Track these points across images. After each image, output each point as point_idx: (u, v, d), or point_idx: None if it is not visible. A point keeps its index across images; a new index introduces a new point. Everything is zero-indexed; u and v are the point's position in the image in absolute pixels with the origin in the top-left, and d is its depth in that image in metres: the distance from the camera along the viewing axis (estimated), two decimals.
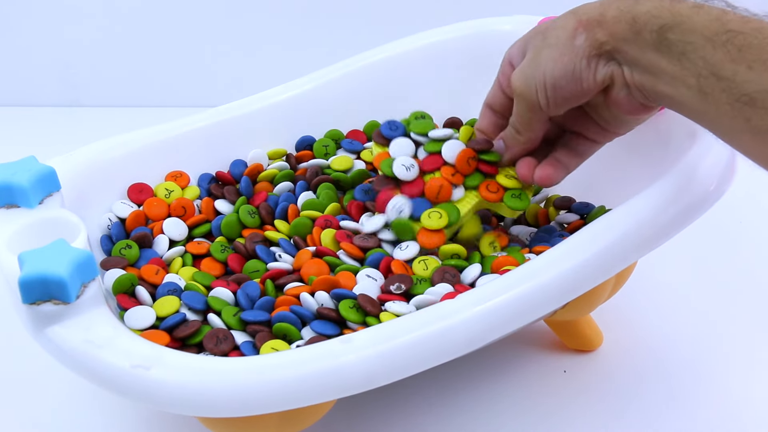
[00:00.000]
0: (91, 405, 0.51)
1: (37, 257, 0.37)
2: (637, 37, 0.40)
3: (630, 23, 0.40)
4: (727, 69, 0.36)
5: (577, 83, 0.43)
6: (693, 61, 0.38)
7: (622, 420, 0.51)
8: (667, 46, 0.39)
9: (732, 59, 0.36)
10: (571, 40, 0.42)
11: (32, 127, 0.87)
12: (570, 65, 0.42)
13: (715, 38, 0.37)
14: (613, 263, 0.43)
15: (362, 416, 0.50)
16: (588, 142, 0.47)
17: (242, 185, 0.53)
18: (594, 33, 0.41)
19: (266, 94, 0.58)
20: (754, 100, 0.36)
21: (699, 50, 0.37)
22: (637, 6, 0.40)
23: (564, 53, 0.42)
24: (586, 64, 0.42)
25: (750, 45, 0.36)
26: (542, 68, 0.43)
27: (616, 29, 0.41)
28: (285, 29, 0.88)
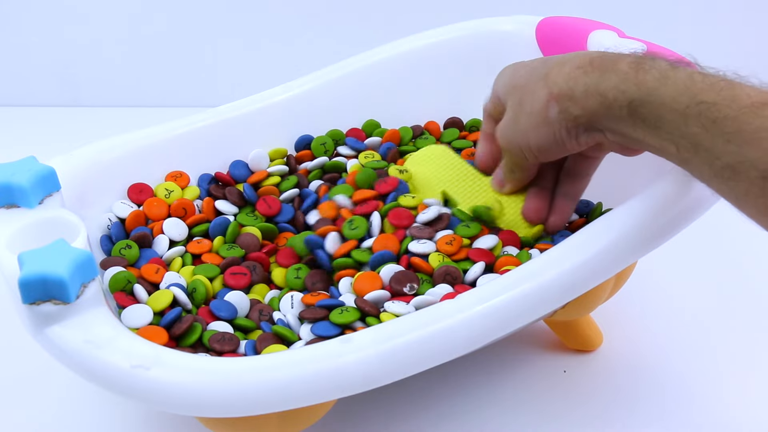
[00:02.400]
0: (91, 405, 0.51)
1: (37, 257, 0.37)
2: (609, 112, 0.40)
3: (599, 100, 0.40)
4: (703, 142, 0.36)
5: (561, 147, 0.43)
6: (669, 133, 0.37)
7: (622, 420, 0.51)
8: (642, 119, 0.38)
9: (707, 132, 0.35)
10: (545, 112, 0.42)
11: (32, 127, 0.87)
12: (550, 135, 0.43)
13: (686, 111, 0.36)
14: (613, 263, 0.43)
15: (362, 416, 0.50)
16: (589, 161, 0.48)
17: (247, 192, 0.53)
18: (566, 107, 0.41)
19: (266, 94, 0.58)
20: (736, 172, 0.35)
21: (672, 124, 0.37)
22: (602, 82, 0.39)
23: (540, 124, 0.43)
24: (566, 134, 0.42)
25: (725, 117, 0.35)
26: (523, 134, 0.44)
27: (587, 104, 0.40)
28: (285, 29, 0.88)
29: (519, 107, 0.44)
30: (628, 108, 0.38)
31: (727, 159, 0.35)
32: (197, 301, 0.46)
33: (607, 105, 0.39)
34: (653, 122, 0.38)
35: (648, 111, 0.38)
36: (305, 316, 0.44)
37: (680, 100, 0.36)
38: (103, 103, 0.91)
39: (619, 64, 0.39)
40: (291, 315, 0.45)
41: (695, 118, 0.36)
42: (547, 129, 0.43)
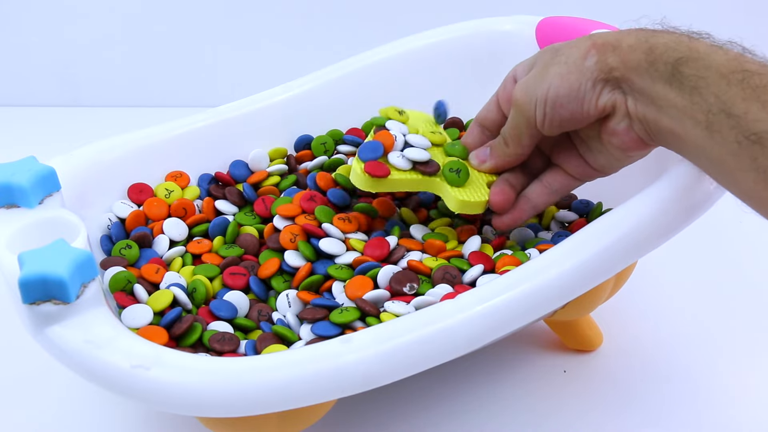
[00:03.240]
0: (91, 405, 0.51)
1: (37, 257, 0.37)
2: (649, 68, 0.40)
3: (646, 52, 0.40)
4: (739, 107, 0.36)
5: (579, 104, 0.42)
6: (704, 97, 0.38)
7: (622, 420, 0.51)
8: (680, 80, 0.39)
9: (745, 97, 0.36)
10: (582, 60, 0.42)
11: (32, 127, 0.87)
12: (575, 84, 0.42)
13: (730, 76, 0.37)
14: (613, 263, 0.43)
15: (362, 416, 0.50)
16: (566, 179, 0.47)
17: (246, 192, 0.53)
18: (606, 57, 0.41)
19: (266, 94, 0.58)
20: (762, 140, 0.35)
21: (712, 86, 0.37)
22: (655, 36, 0.40)
23: (572, 71, 0.42)
24: (591, 86, 0.42)
25: (766, 86, 0.36)
26: (547, 83, 0.43)
27: (629, 57, 0.41)
28: (285, 29, 0.88)
29: (552, 59, 0.43)
30: (673, 65, 0.39)
31: (758, 126, 0.36)
32: (197, 301, 0.46)
33: (652, 60, 0.40)
34: (693, 82, 0.38)
35: (691, 71, 0.38)
36: (305, 316, 0.44)
37: (727, 65, 0.37)
38: (103, 103, 0.91)
39: (672, 32, 0.41)
40: (290, 314, 0.45)
41: (737, 84, 0.37)
42: (575, 77, 0.42)
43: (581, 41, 0.43)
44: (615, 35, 0.42)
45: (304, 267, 0.47)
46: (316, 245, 0.48)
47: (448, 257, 0.48)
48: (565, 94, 0.42)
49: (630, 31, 0.42)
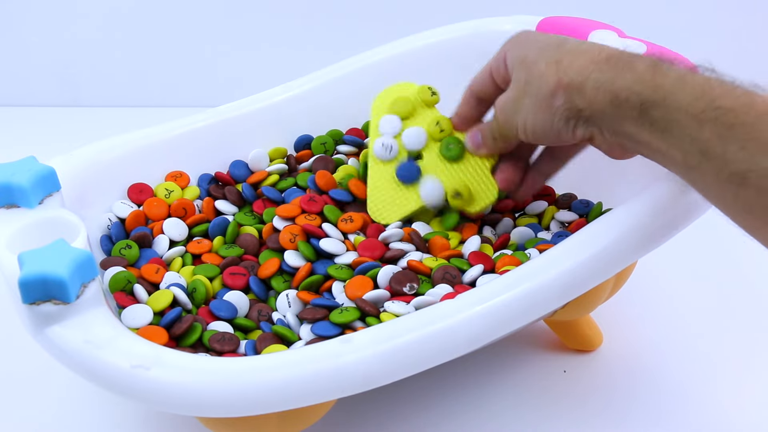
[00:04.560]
0: (91, 405, 0.51)
1: (37, 257, 0.37)
2: (617, 111, 0.39)
3: (610, 97, 0.39)
4: (715, 148, 0.35)
5: (556, 136, 0.43)
6: (678, 138, 0.37)
7: (622, 420, 0.51)
8: (650, 122, 0.38)
9: (721, 137, 0.35)
10: (551, 98, 0.41)
11: (32, 127, 0.87)
12: (548, 122, 0.42)
13: (701, 115, 0.35)
14: (613, 263, 0.43)
15: (362, 416, 0.50)
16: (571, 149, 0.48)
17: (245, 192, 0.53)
18: (573, 98, 0.40)
19: (266, 94, 0.58)
20: (745, 180, 0.34)
21: (684, 128, 0.36)
22: (617, 80, 0.39)
23: (542, 108, 0.42)
24: (564, 124, 0.42)
25: (742, 123, 0.34)
26: (522, 116, 0.43)
27: (595, 100, 0.40)
28: (285, 29, 0.88)
29: (525, 86, 0.43)
30: (639, 109, 0.38)
31: (738, 166, 0.34)
32: (197, 301, 0.46)
33: (617, 104, 0.39)
34: (664, 125, 0.37)
35: (660, 114, 0.37)
36: (305, 316, 0.44)
37: (696, 104, 0.36)
38: (103, 103, 0.91)
39: (636, 64, 0.39)
40: (290, 314, 0.45)
41: (710, 123, 0.35)
42: (547, 115, 0.42)
43: (547, 73, 0.41)
44: (579, 71, 0.40)
45: (304, 267, 0.47)
46: (316, 245, 0.48)
47: (448, 257, 0.48)
48: (540, 129, 0.43)
49: (590, 69, 0.40)
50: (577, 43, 0.42)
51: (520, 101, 0.43)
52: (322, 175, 0.53)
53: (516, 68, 0.44)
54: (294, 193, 0.52)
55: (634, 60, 0.39)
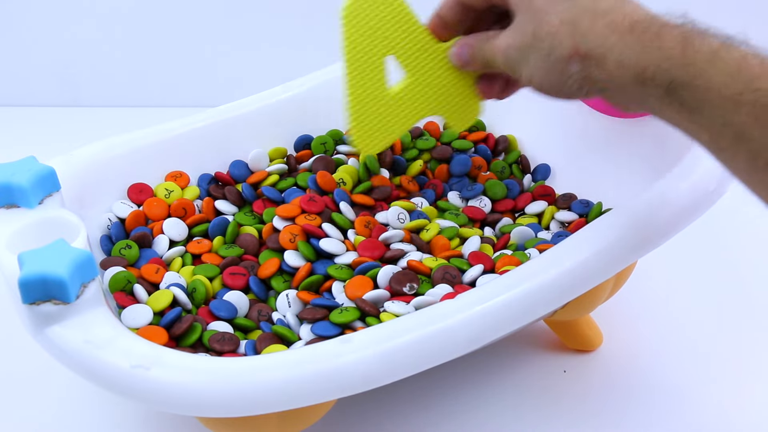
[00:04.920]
0: (91, 405, 0.51)
1: (37, 257, 0.37)
2: (640, 88, 0.35)
3: (634, 74, 0.35)
4: (753, 132, 0.32)
5: (565, 95, 0.39)
6: (709, 119, 0.33)
7: (622, 420, 0.51)
8: (679, 102, 0.34)
9: (759, 121, 0.32)
10: (564, 64, 0.37)
11: (32, 127, 0.87)
12: (559, 84, 0.38)
13: (738, 97, 0.32)
14: (613, 263, 0.43)
15: (362, 416, 0.50)
16: None
17: (245, 192, 0.53)
18: (590, 69, 0.37)
19: (266, 94, 0.58)
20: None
21: (717, 110, 0.33)
22: (643, 55, 0.35)
23: (554, 71, 0.38)
24: (577, 89, 0.38)
25: None
26: (529, 69, 0.40)
27: (617, 75, 0.36)
28: (285, 29, 0.88)
29: (532, 39, 0.38)
30: (666, 88, 0.34)
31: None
32: (197, 301, 0.46)
33: (642, 81, 0.35)
34: (694, 106, 0.34)
35: (690, 94, 0.34)
36: (305, 316, 0.44)
37: (732, 85, 0.32)
38: (103, 103, 0.91)
39: (665, 35, 0.35)
40: (290, 314, 0.45)
41: (748, 106, 0.32)
42: (559, 78, 0.38)
43: (560, 32, 0.37)
44: (600, 42, 0.36)
45: (303, 267, 0.47)
46: (316, 245, 0.48)
47: (448, 257, 0.48)
48: (548, 87, 0.39)
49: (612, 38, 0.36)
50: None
51: (527, 53, 0.39)
52: (322, 175, 0.53)
53: (520, 8, 0.40)
54: (294, 193, 0.52)
55: (662, 30, 0.35)
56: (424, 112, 0.48)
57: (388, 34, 0.46)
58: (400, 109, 0.47)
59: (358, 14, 0.45)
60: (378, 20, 0.46)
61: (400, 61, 0.47)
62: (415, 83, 0.47)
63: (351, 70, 0.46)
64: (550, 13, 0.38)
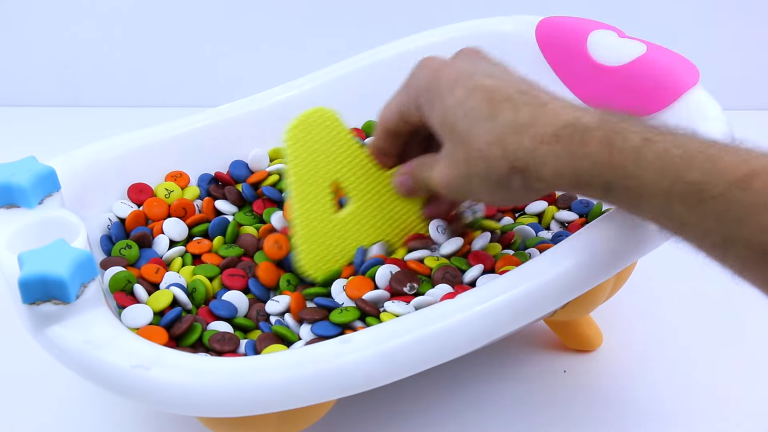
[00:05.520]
0: (91, 405, 0.51)
1: (37, 257, 0.37)
2: (581, 191, 0.37)
3: (571, 180, 0.36)
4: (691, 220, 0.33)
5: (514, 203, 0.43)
6: (650, 212, 0.35)
7: (622, 420, 0.51)
8: (617, 199, 0.36)
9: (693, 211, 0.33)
10: (506, 181, 0.38)
11: (32, 127, 0.87)
12: (507, 198, 0.40)
13: (669, 193, 0.33)
14: (613, 263, 0.43)
15: (362, 416, 0.50)
16: None
17: (245, 192, 0.53)
18: (531, 182, 0.37)
19: (266, 94, 0.58)
20: (728, 249, 0.33)
21: (653, 203, 0.34)
22: (573, 164, 0.36)
23: (498, 189, 0.39)
24: (525, 197, 0.40)
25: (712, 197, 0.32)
26: (475, 193, 0.41)
27: (555, 183, 0.37)
28: (285, 29, 0.88)
29: (467, 166, 0.39)
30: (602, 189, 0.36)
31: (717, 237, 0.33)
32: (197, 301, 0.46)
33: (581, 186, 0.36)
34: (632, 202, 0.35)
35: (625, 194, 0.35)
36: (305, 316, 0.44)
37: (661, 182, 0.33)
38: (103, 103, 0.91)
39: (589, 144, 0.35)
40: (289, 314, 0.45)
41: (679, 199, 0.33)
42: (504, 194, 0.39)
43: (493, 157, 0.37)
44: (533, 157, 0.36)
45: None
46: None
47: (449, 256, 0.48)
48: (500, 202, 0.41)
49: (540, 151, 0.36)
50: (512, 109, 0.38)
51: (466, 180, 0.40)
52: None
53: (446, 138, 0.40)
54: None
55: (585, 136, 0.35)
56: (371, 238, 0.48)
57: (333, 159, 0.46)
58: (346, 235, 0.47)
59: (302, 138, 0.45)
60: (322, 144, 0.46)
61: (345, 186, 0.47)
62: (360, 209, 0.47)
63: (297, 194, 0.46)
64: (475, 137, 0.38)
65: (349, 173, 0.47)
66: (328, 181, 0.46)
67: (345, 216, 0.47)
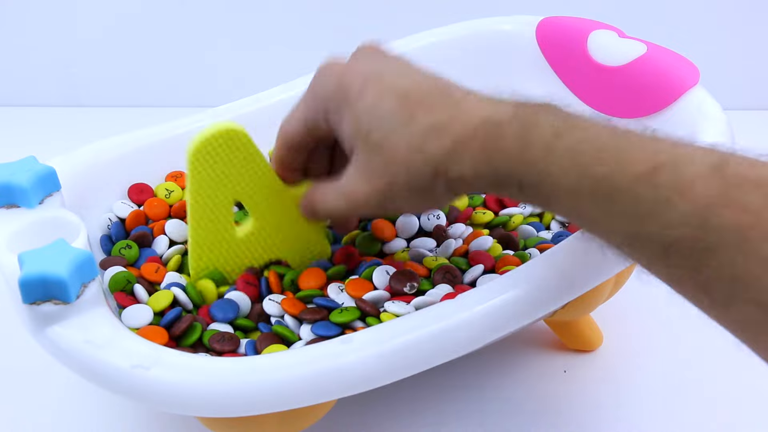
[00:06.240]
0: (91, 405, 0.51)
1: (37, 257, 0.37)
2: (500, 190, 0.36)
3: (491, 180, 0.35)
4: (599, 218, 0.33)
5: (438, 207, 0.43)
6: (562, 208, 0.34)
7: (622, 420, 0.51)
8: (533, 196, 0.35)
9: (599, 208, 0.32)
10: (429, 188, 0.36)
11: (32, 127, 0.87)
12: (431, 204, 0.39)
13: (577, 188, 0.32)
14: (613, 263, 0.43)
15: (362, 416, 0.50)
16: None
17: None
18: (456, 185, 0.36)
19: (266, 94, 0.57)
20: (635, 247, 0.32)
21: (563, 200, 0.33)
22: (491, 163, 0.35)
23: (422, 197, 0.37)
24: (449, 201, 0.39)
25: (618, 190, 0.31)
26: (398, 205, 0.39)
27: (477, 184, 0.36)
28: (285, 29, 0.88)
29: (386, 177, 0.37)
30: (517, 187, 0.35)
31: (625, 235, 0.32)
32: (197, 302, 0.46)
33: (499, 184, 0.35)
34: (544, 199, 0.34)
35: (536, 192, 0.34)
36: (305, 316, 0.44)
37: (569, 177, 0.32)
38: (103, 103, 0.91)
39: (504, 139, 0.34)
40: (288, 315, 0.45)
41: (588, 195, 0.32)
42: (429, 201, 0.38)
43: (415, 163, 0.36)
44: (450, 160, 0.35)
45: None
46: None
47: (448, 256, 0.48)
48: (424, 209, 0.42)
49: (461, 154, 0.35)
50: (428, 110, 0.36)
51: (388, 194, 0.38)
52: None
53: (359, 148, 0.38)
54: None
55: (501, 133, 0.34)
56: (268, 256, 0.47)
57: (237, 179, 0.44)
58: (245, 254, 0.47)
59: (205, 157, 0.43)
60: (226, 164, 0.44)
61: (247, 205, 0.45)
62: (261, 228, 0.46)
63: (194, 214, 0.44)
64: (393, 144, 0.36)
65: (253, 192, 0.45)
66: (229, 200, 0.44)
67: (243, 235, 0.46)
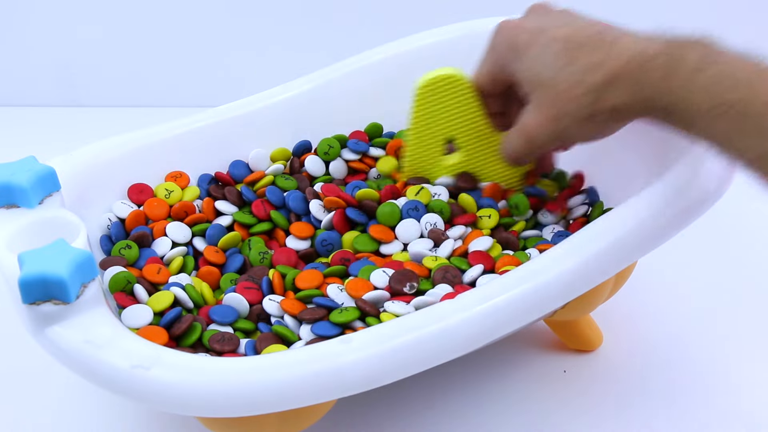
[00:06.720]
0: (91, 405, 0.51)
1: (37, 257, 0.37)
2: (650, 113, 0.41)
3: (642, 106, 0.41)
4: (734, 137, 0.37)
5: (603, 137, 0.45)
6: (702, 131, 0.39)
7: (622, 420, 0.51)
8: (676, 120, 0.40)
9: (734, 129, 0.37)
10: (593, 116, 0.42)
11: (32, 127, 0.87)
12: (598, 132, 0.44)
13: (712, 112, 0.37)
14: (613, 263, 0.43)
15: (362, 416, 0.50)
16: None
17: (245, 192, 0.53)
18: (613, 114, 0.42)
19: (266, 94, 0.57)
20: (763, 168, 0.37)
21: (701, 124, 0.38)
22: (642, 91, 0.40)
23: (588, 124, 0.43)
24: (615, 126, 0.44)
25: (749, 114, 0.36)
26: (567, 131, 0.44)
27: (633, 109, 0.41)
28: (285, 29, 0.88)
29: (557, 107, 0.43)
30: (663, 112, 0.40)
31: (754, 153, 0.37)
32: (198, 302, 0.46)
33: (648, 109, 0.41)
34: (687, 122, 0.39)
35: (679, 115, 0.39)
36: (305, 316, 0.44)
37: (706, 102, 0.38)
38: (103, 103, 0.91)
39: (653, 71, 0.40)
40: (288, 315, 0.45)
41: (722, 118, 0.37)
42: (594, 128, 0.44)
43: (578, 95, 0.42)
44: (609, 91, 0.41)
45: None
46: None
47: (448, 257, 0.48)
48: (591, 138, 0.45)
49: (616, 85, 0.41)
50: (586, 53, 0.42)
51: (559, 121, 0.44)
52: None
53: (534, 88, 0.45)
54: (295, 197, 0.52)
55: (649, 66, 0.40)
56: None
57: (452, 118, 0.51)
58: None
59: (428, 95, 0.51)
60: (445, 103, 0.51)
61: (457, 141, 0.52)
62: (467, 161, 0.53)
63: (412, 141, 0.53)
64: (560, 81, 0.43)
65: (464, 132, 0.52)
66: (443, 136, 0.52)
67: (451, 164, 0.53)
